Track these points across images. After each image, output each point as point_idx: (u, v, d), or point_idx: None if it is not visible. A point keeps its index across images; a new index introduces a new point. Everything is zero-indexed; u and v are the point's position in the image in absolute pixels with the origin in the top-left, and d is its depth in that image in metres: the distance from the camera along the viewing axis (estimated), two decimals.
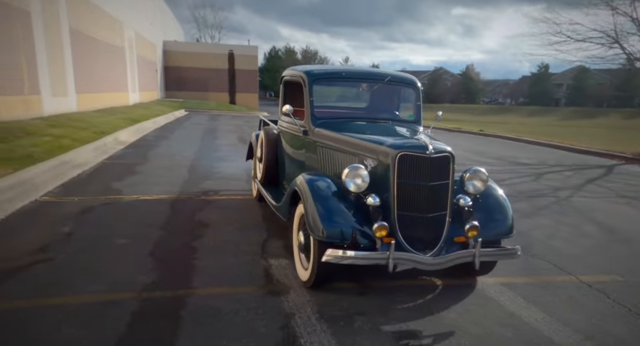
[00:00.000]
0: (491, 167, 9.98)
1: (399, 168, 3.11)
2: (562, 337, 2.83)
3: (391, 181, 3.13)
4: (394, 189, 3.13)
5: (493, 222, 3.41)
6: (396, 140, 3.27)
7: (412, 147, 3.13)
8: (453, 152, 3.22)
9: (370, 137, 3.51)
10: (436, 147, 3.15)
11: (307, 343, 2.60)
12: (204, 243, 4.13)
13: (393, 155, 3.11)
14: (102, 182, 6.52)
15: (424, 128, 4.35)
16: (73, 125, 11.07)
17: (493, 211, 3.45)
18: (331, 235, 3.03)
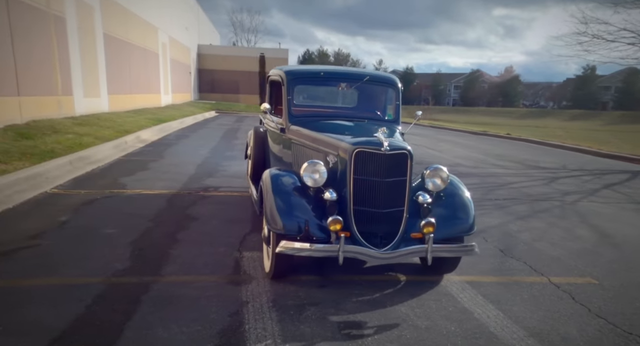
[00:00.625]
0: (506, 170, 9.81)
1: (355, 164, 3.20)
2: (506, 333, 2.84)
3: (348, 177, 3.22)
4: (350, 185, 3.22)
5: (454, 219, 3.43)
6: (356, 137, 3.36)
7: (368, 144, 3.21)
8: (411, 150, 3.28)
9: (336, 135, 3.61)
10: (393, 144, 3.21)
11: (250, 329, 2.73)
12: (186, 235, 4.34)
13: (350, 151, 3.20)
14: (112, 176, 6.89)
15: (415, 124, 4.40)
16: (99, 124, 11.66)
17: (455, 209, 3.48)
18: (285, 228, 3.15)
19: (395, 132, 4.11)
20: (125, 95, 17.56)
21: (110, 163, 8.07)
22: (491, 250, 4.43)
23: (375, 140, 3.23)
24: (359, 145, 3.21)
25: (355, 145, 3.22)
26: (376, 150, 3.16)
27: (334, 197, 3.22)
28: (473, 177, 8.66)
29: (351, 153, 3.19)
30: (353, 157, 3.19)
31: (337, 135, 3.63)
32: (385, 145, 3.15)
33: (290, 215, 3.18)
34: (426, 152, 12.69)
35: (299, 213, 3.20)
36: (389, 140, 3.22)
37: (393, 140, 3.29)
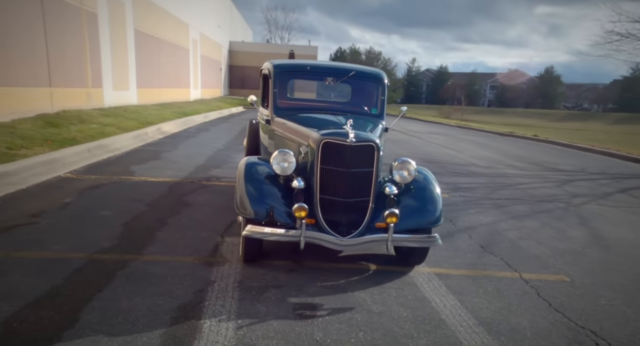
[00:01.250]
0: (520, 171, 9.66)
1: (322, 155, 3.32)
2: (456, 320, 2.91)
3: (315, 166, 3.35)
4: (317, 174, 3.35)
5: (421, 211, 3.51)
6: (327, 129, 3.48)
7: (335, 135, 3.33)
8: (378, 143, 3.37)
9: (311, 126, 3.75)
10: (360, 136, 3.32)
11: (209, 305, 2.91)
12: (176, 220, 4.57)
13: (317, 142, 3.33)
14: (124, 164, 7.25)
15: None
16: (124, 115, 12.17)
17: (423, 201, 3.55)
18: (251, 213, 3.31)
19: (377, 125, 4.20)
20: (153, 89, 18.19)
21: (126, 152, 8.46)
22: (472, 246, 4.45)
23: (343, 131, 3.34)
24: (326, 136, 3.33)
25: (324, 136, 3.34)
26: (342, 141, 3.28)
27: (301, 185, 3.35)
28: (482, 177, 8.59)
29: (319, 144, 3.32)
30: (320, 147, 3.31)
31: (313, 127, 3.76)
32: (351, 136, 3.26)
33: (257, 201, 3.34)
34: (442, 151, 12.60)
35: (266, 199, 3.36)
36: (356, 132, 3.33)
37: (361, 132, 3.39)
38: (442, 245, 4.35)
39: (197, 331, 2.60)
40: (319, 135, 3.35)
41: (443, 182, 7.69)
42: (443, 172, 8.81)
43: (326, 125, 3.67)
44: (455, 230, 4.91)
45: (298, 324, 2.76)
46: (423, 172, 3.74)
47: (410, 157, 3.70)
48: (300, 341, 2.59)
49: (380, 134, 3.94)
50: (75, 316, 2.64)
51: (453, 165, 9.89)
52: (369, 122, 4.30)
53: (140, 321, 2.64)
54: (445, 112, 40.20)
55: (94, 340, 2.42)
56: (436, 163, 9.85)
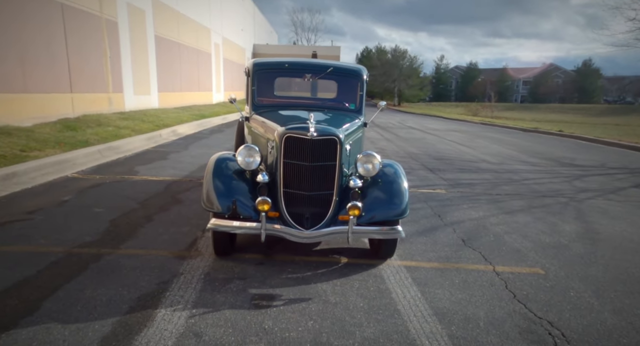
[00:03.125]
0: (532, 167, 9.43)
1: (285, 149, 3.39)
2: (411, 311, 2.92)
3: (279, 160, 3.42)
4: (280, 168, 3.42)
5: (386, 204, 3.52)
6: (292, 123, 3.55)
7: (298, 129, 3.38)
8: (342, 137, 3.41)
9: (280, 122, 3.82)
10: (322, 130, 3.36)
11: (169, 296, 3.02)
12: (163, 216, 4.73)
13: (280, 136, 3.40)
14: (131, 164, 7.52)
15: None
16: (142, 119, 12.58)
17: (389, 194, 3.55)
18: (218, 207, 3.41)
19: (352, 120, 4.23)
20: (175, 93, 18.68)
21: (136, 153, 8.76)
22: (453, 240, 4.41)
23: (305, 125, 3.40)
24: (289, 131, 3.39)
25: (287, 130, 3.41)
26: (303, 135, 3.33)
27: (265, 180, 3.43)
28: (488, 173, 8.43)
29: (281, 138, 3.38)
30: (283, 141, 3.38)
31: (282, 122, 3.84)
32: (311, 131, 3.31)
33: (223, 196, 3.43)
34: (455, 148, 12.41)
35: (232, 194, 3.45)
36: (318, 126, 3.38)
37: (323, 126, 3.44)
38: (422, 239, 4.35)
39: (150, 319, 2.71)
40: (282, 129, 3.42)
41: (444, 178, 7.62)
42: (448, 168, 8.71)
43: (294, 121, 3.73)
44: (440, 225, 4.87)
45: (250, 313, 2.84)
46: (393, 165, 3.75)
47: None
48: (248, 329, 2.66)
49: (354, 129, 3.97)
50: (37, 305, 2.80)
51: (462, 161, 9.75)
52: (346, 116, 4.33)
53: (97, 310, 2.78)
54: (473, 109, 39.37)
55: (48, 327, 2.56)
56: (444, 160, 9.74)
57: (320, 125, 3.43)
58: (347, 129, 3.83)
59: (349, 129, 3.87)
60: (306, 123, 3.42)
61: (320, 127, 3.39)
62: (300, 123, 3.47)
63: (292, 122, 3.59)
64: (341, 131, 3.49)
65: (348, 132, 3.78)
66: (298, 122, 3.56)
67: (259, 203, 3.31)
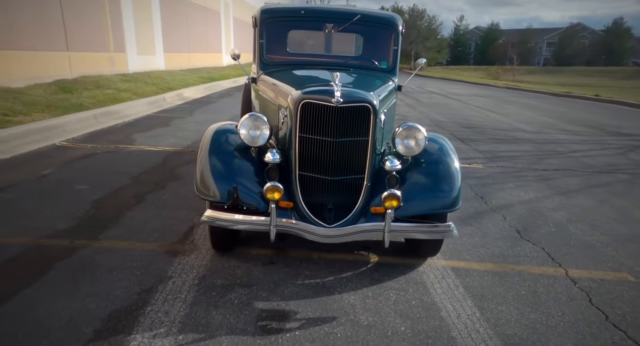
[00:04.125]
0: (575, 136, 8.45)
1: (301, 119, 2.56)
2: (472, 341, 2.16)
3: (293, 135, 2.61)
4: (295, 144, 2.60)
5: (432, 191, 2.70)
6: (311, 86, 2.70)
7: (318, 93, 2.54)
8: (376, 104, 2.56)
9: (295, 84, 2.98)
10: (350, 95, 2.52)
11: (150, 313, 2.29)
12: (157, 196, 3.99)
13: (296, 102, 2.57)
14: (128, 132, 6.76)
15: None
16: (146, 81, 11.73)
17: (435, 179, 2.73)
18: (215, 194, 2.63)
19: (385, 83, 3.36)
20: (182, 54, 17.68)
21: (136, 118, 7.98)
22: (505, 230, 3.61)
23: (328, 89, 2.55)
24: (307, 95, 2.56)
25: (305, 94, 2.57)
26: (325, 102, 2.49)
27: (276, 159, 2.62)
28: (527, 144, 7.50)
29: (297, 105, 2.55)
30: (299, 109, 2.55)
31: (298, 84, 2.99)
32: (337, 95, 2.47)
33: (222, 179, 2.64)
34: (484, 115, 11.39)
35: (232, 177, 2.65)
36: (345, 89, 2.53)
37: (353, 90, 2.59)
38: (468, 230, 3.55)
39: None
40: (298, 94, 2.59)
41: (479, 149, 6.73)
42: (481, 138, 7.79)
43: (314, 82, 2.89)
44: (486, 210, 4.06)
45: (256, 342, 2.10)
46: (438, 140, 2.91)
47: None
48: None
49: (386, 94, 3.11)
50: None
51: (494, 130, 8.80)
52: (376, 78, 3.47)
53: (50, 337, 2.06)
54: (494, 72, 37.56)
55: None
56: (475, 129, 8.80)
57: (348, 88, 2.58)
58: (381, 94, 2.97)
59: (382, 94, 3.02)
60: (329, 86, 2.58)
61: (347, 90, 2.54)
62: (321, 86, 2.63)
63: (311, 84, 2.75)
64: (374, 96, 2.64)
65: (382, 97, 2.93)
66: (319, 84, 2.72)
67: (267, 190, 2.52)
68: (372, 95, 2.64)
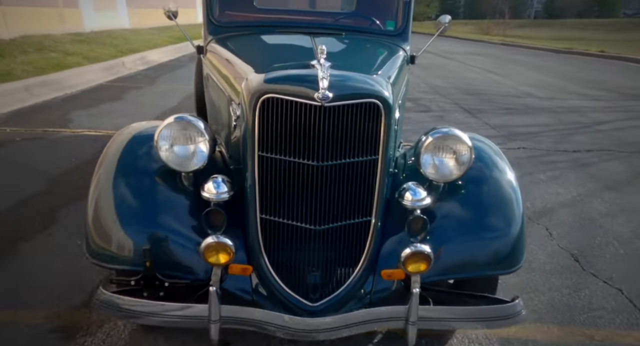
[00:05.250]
0: (595, 102, 7.42)
1: (262, 127, 1.46)
2: None
3: (249, 153, 1.51)
4: (254, 170, 1.51)
5: (480, 241, 1.64)
6: (279, 67, 1.56)
7: (290, 82, 1.43)
8: (388, 97, 1.46)
9: (257, 61, 1.84)
10: (346, 84, 1.43)
11: None
12: (75, 213, 2.88)
13: (252, 98, 1.45)
14: (67, 108, 5.52)
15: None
16: (104, 42, 10.24)
17: (484, 218, 1.67)
18: (105, 254, 1.55)
19: (393, 55, 2.22)
20: (149, 10, 15.87)
21: (82, 90, 6.68)
22: (557, 255, 2.62)
23: (307, 73, 1.44)
24: (271, 84, 1.45)
25: (268, 82, 1.46)
26: (303, 98, 1.39)
27: (222, 195, 1.54)
28: (544, 114, 6.46)
29: (254, 102, 1.45)
30: (257, 109, 1.44)
31: (262, 60, 1.86)
32: (322, 85, 1.36)
33: (128, 229, 1.55)
34: (486, 77, 10.24)
35: (147, 225, 1.56)
36: (336, 74, 1.43)
37: (347, 74, 1.49)
38: None
39: None
40: (257, 82, 1.48)
41: (491, 123, 5.68)
42: (489, 107, 6.72)
43: (285, 59, 1.75)
44: None
45: None
46: (483, 150, 1.82)
47: (459, 127, 1.81)
48: None
49: (397, 73, 1.98)
50: None
51: (502, 96, 7.70)
52: (379, 47, 2.34)
53: None
54: (485, 27, 36.18)
55: None
56: (480, 96, 7.69)
57: (341, 71, 1.48)
58: (391, 76, 1.86)
59: (392, 75, 1.90)
60: (310, 68, 1.46)
61: (341, 75, 1.45)
62: (296, 69, 1.51)
63: (280, 62, 1.63)
64: (385, 82, 1.55)
65: (393, 81, 1.83)
66: (293, 63, 1.60)
67: (207, 250, 1.45)
68: (381, 81, 1.54)
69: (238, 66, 1.85)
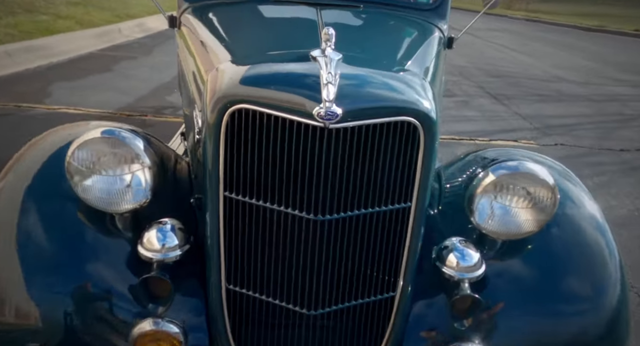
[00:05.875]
0: (636, 89, 6.71)
1: (230, 153, 0.91)
2: None
3: (210, 193, 0.96)
4: (216, 217, 0.97)
5: (553, 326, 1.10)
6: (262, 60, 1.00)
7: (277, 85, 0.87)
8: (430, 112, 0.90)
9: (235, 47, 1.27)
10: (366, 91, 0.88)
11: None
12: None
13: (216, 106, 0.90)
14: (49, 79, 4.98)
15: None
16: (101, 4, 9.54)
17: (556, 288, 1.12)
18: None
19: (427, 37, 1.63)
20: None
21: (71, 58, 6.10)
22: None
23: (301, 71, 0.88)
24: (247, 86, 0.89)
25: (242, 84, 0.90)
26: (295, 113, 0.83)
27: (169, 252, 1.01)
28: (580, 102, 5.81)
29: (218, 113, 0.89)
30: (224, 124, 0.89)
31: (243, 44, 1.30)
32: (326, 92, 0.80)
33: (24, 296, 1.03)
34: (512, 56, 9.46)
35: (54, 293, 1.04)
36: (350, 70, 0.87)
37: (367, 72, 0.93)
38: None
39: None
40: (229, 79, 0.93)
41: (522, 113, 5.05)
42: (517, 92, 6.07)
43: (278, 42, 1.19)
44: None
45: None
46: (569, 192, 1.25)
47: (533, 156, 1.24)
48: None
49: (434, 68, 1.39)
50: None
51: (531, 80, 7.00)
52: (408, 27, 1.75)
53: None
54: (507, 0, 34.59)
55: None
56: (506, 78, 7.00)
57: (356, 67, 0.92)
58: (429, 74, 1.28)
59: (430, 72, 1.31)
60: (308, 63, 0.90)
61: (357, 76, 0.90)
62: (287, 64, 0.95)
63: (266, 49, 1.07)
64: (426, 89, 0.98)
65: (432, 79, 1.25)
66: (284, 51, 1.03)
67: (141, 340, 0.94)
68: (419, 85, 0.99)
69: (210, 49, 1.29)
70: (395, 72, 1.06)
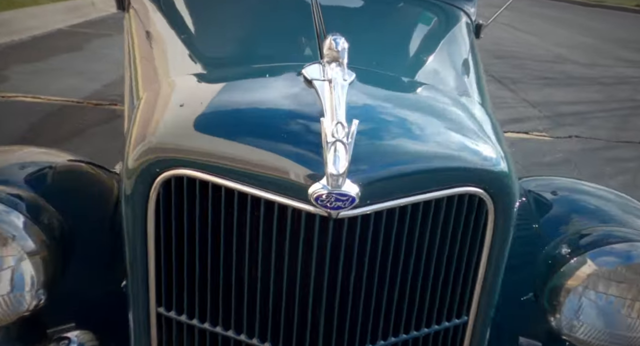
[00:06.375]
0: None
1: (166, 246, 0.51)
2: None
3: (132, 301, 0.57)
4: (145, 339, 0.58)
5: None
6: (239, 68, 0.61)
7: (239, 134, 0.47)
8: (505, 177, 0.51)
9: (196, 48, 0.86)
10: (408, 148, 0.48)
11: None
12: None
13: (139, 170, 0.50)
14: (7, 61, 4.45)
15: None
16: None
17: None
18: None
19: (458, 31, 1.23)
20: None
21: (36, 35, 5.54)
22: None
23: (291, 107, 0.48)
24: (194, 134, 0.49)
25: (195, 129, 0.50)
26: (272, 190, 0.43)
27: None
28: (589, 86, 5.44)
29: (143, 182, 0.49)
30: (151, 201, 0.49)
31: (207, 52, 0.89)
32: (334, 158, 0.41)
33: None
34: (514, 35, 8.99)
35: None
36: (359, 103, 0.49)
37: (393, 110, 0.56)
38: None
39: None
40: (166, 124, 0.52)
41: (530, 100, 4.69)
42: (523, 76, 5.69)
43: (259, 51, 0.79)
44: None
45: None
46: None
47: None
48: None
49: (477, 79, 0.99)
50: None
51: (537, 62, 6.59)
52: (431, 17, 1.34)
53: None
54: None
55: None
56: (510, 60, 6.59)
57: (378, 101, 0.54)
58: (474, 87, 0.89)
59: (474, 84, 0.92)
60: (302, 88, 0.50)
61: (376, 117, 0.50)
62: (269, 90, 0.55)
63: (236, 60, 0.69)
64: (493, 140, 0.58)
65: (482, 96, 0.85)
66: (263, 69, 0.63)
67: None
68: (480, 127, 0.59)
69: (159, 48, 0.88)
70: (436, 98, 0.67)
